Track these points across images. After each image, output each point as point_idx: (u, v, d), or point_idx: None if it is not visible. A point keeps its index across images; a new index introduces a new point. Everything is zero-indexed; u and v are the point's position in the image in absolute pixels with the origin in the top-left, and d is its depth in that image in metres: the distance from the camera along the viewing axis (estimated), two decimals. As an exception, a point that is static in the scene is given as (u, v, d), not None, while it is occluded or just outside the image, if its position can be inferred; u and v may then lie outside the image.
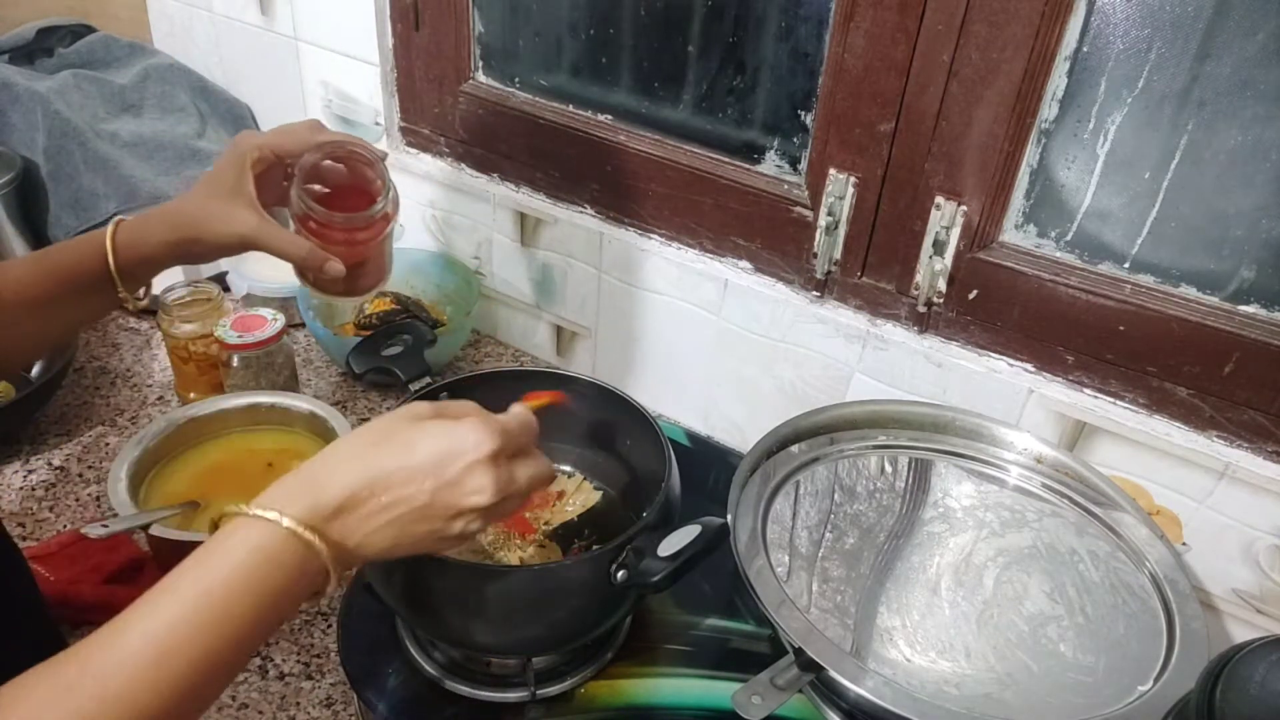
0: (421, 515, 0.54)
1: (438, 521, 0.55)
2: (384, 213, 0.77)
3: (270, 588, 0.49)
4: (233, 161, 0.73)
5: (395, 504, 0.53)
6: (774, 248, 0.95)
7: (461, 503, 0.55)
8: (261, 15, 1.21)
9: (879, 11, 0.79)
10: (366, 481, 0.53)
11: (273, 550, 0.50)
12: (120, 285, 0.72)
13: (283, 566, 0.50)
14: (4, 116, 1.18)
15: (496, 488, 0.55)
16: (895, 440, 0.87)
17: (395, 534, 0.54)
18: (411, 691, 0.72)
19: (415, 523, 0.54)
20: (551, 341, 1.17)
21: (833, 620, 0.70)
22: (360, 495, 0.53)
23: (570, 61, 1.04)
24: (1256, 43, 0.68)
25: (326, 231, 0.75)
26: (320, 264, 0.74)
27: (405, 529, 0.54)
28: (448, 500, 0.54)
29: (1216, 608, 0.82)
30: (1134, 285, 0.79)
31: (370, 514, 0.53)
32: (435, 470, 0.54)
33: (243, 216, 0.72)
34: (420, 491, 0.54)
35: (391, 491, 0.53)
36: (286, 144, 0.74)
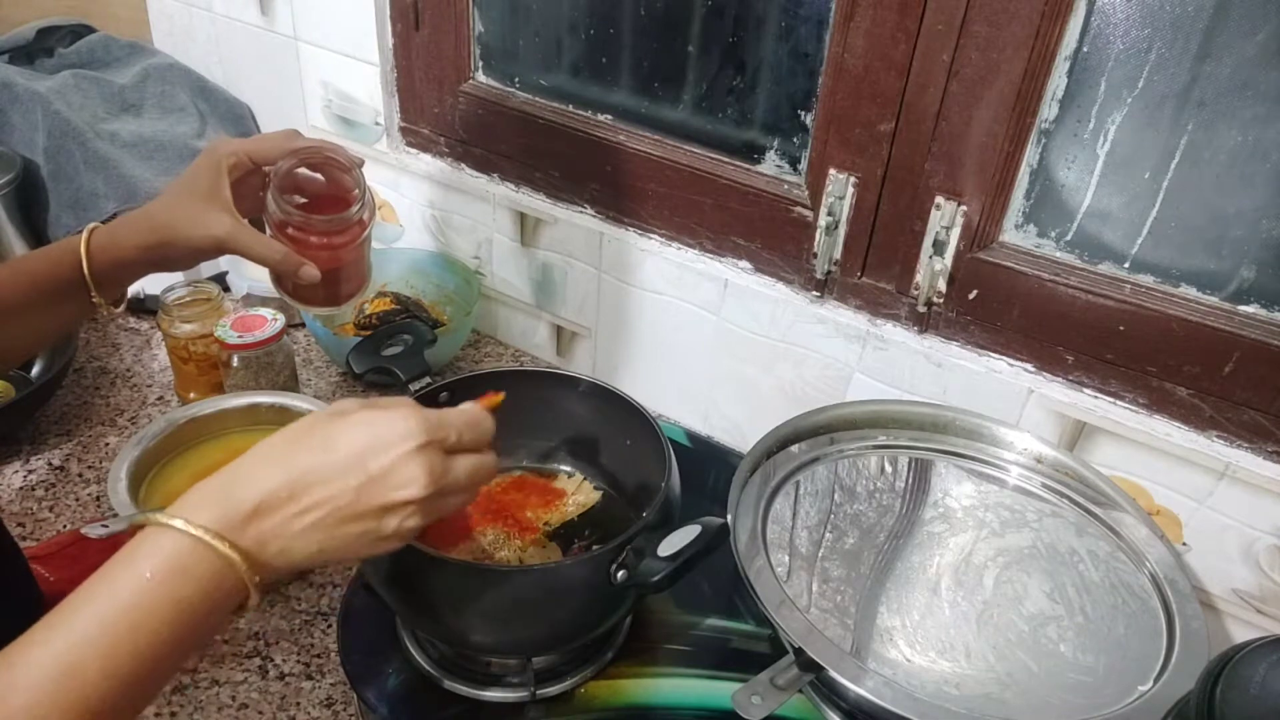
0: (348, 516, 0.51)
1: (368, 521, 0.51)
2: (359, 217, 0.76)
3: (182, 601, 0.47)
4: (208, 165, 0.72)
5: (317, 505, 0.50)
6: (774, 248, 0.95)
7: (391, 497, 0.51)
8: (261, 15, 1.21)
9: (879, 11, 0.79)
10: (284, 483, 0.49)
11: (181, 560, 0.47)
12: (94, 290, 0.71)
13: (194, 578, 0.47)
14: (4, 116, 1.18)
15: (429, 479, 0.52)
16: (895, 440, 0.87)
17: (321, 538, 0.51)
18: (411, 691, 0.72)
19: (342, 524, 0.51)
20: (551, 341, 1.17)
21: (833, 620, 0.70)
22: (277, 498, 0.49)
23: (570, 61, 1.04)
24: (1256, 43, 0.68)
25: (303, 236, 0.75)
26: (296, 268, 0.73)
27: (332, 532, 0.51)
28: (375, 497, 0.51)
29: (1216, 608, 0.82)
30: (1134, 285, 0.79)
31: (289, 518, 0.50)
32: (359, 465, 0.51)
33: (217, 220, 0.71)
34: (344, 490, 0.50)
35: (312, 492, 0.50)
36: (263, 150, 0.73)
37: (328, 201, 0.77)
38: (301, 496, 0.50)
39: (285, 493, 0.50)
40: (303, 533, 0.50)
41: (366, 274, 0.83)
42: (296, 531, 0.50)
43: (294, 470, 0.50)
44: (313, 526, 0.50)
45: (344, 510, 0.51)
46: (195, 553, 0.47)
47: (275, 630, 0.81)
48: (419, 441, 0.52)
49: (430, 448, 0.52)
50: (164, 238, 0.71)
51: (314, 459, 0.51)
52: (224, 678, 0.77)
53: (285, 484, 0.50)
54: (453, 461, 0.54)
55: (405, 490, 0.51)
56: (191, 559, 0.47)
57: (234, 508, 0.49)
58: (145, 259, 0.73)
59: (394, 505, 0.52)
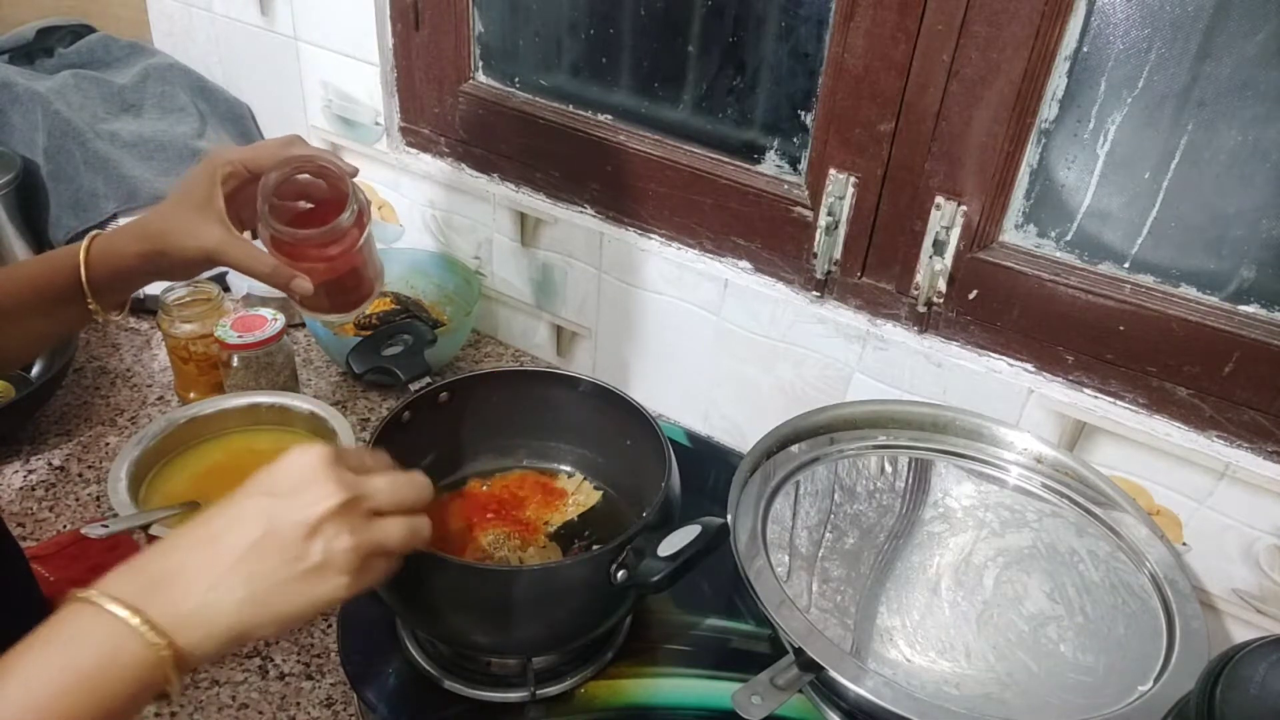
0: (263, 547, 0.47)
1: (288, 550, 0.47)
2: (346, 228, 0.74)
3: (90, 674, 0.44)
4: (203, 174, 0.71)
5: (230, 547, 0.46)
6: (774, 248, 0.95)
7: (304, 513, 0.48)
8: (261, 15, 1.21)
9: (879, 11, 0.79)
10: (196, 539, 0.47)
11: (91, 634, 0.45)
12: (91, 298, 0.71)
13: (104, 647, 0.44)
14: (4, 117, 1.18)
15: (342, 483, 0.49)
16: (895, 440, 0.86)
17: (240, 581, 0.46)
18: (411, 691, 0.72)
19: (259, 558, 0.47)
20: (552, 341, 1.17)
21: (833, 620, 0.70)
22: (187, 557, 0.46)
23: (570, 61, 1.04)
24: (1256, 43, 0.68)
25: (294, 249, 0.73)
26: (287, 281, 0.72)
27: (250, 572, 0.46)
28: (287, 517, 0.47)
29: (1216, 608, 0.82)
30: (1134, 285, 0.79)
31: (200, 568, 0.46)
32: (265, 490, 0.49)
33: (209, 230, 0.70)
34: (253, 520, 0.47)
35: (221, 537, 0.47)
36: (259, 159, 0.73)
37: (327, 207, 0.76)
38: (209, 545, 0.47)
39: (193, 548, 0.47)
40: (216, 581, 0.46)
41: (374, 279, 0.80)
42: (208, 582, 0.46)
43: (204, 525, 0.48)
44: (227, 570, 0.46)
45: (257, 542, 0.47)
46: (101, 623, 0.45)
47: (275, 630, 0.81)
48: (319, 457, 0.50)
49: (333, 462, 0.50)
50: (158, 247, 0.71)
51: (222, 509, 0.49)
52: (224, 678, 0.77)
53: (194, 541, 0.47)
54: (366, 479, 0.52)
55: (321, 503, 0.48)
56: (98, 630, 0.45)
57: (144, 576, 0.47)
58: (142, 268, 0.72)
59: (311, 523, 0.48)
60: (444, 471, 0.86)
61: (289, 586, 0.48)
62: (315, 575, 0.48)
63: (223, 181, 0.71)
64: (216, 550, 0.47)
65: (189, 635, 0.46)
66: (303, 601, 0.48)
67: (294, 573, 0.48)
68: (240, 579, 0.47)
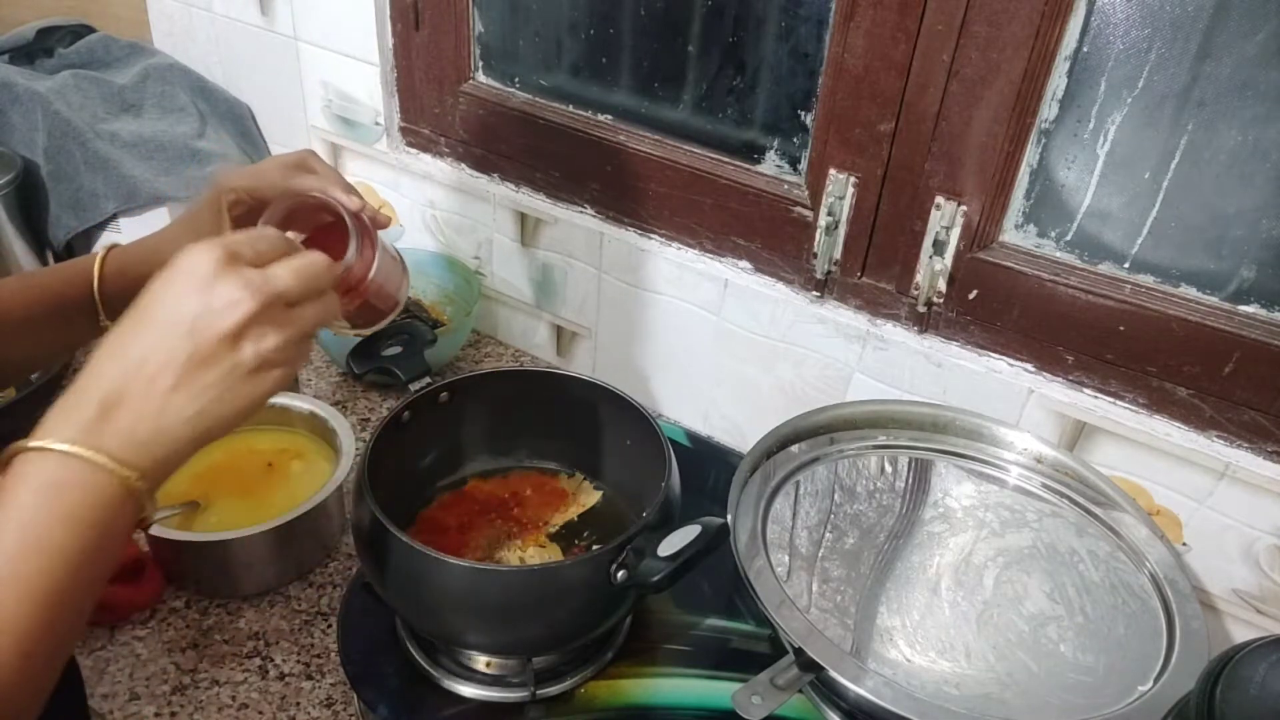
0: (196, 364, 0.48)
1: (222, 361, 0.49)
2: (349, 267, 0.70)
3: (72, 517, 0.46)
4: (210, 202, 0.71)
5: (159, 373, 0.48)
6: (774, 248, 0.95)
7: (223, 323, 0.49)
8: (261, 15, 1.21)
9: (879, 11, 0.79)
10: (118, 372, 0.48)
11: (55, 479, 0.46)
12: (103, 313, 0.70)
13: (76, 489, 0.46)
14: (4, 117, 1.18)
15: (250, 287, 0.49)
16: (895, 440, 0.87)
17: (186, 401, 0.49)
18: (411, 691, 0.72)
19: (196, 375, 0.49)
20: (552, 341, 1.17)
21: (833, 620, 0.70)
22: (117, 387, 0.48)
23: (570, 61, 1.04)
24: (1256, 43, 0.68)
25: None
26: None
27: (194, 390, 0.49)
28: (208, 331, 0.49)
29: (1216, 608, 0.82)
30: (1134, 285, 0.79)
31: (140, 399, 0.48)
32: (174, 315, 0.49)
33: None
34: (176, 341, 0.48)
35: (148, 364, 0.48)
36: (262, 188, 0.71)
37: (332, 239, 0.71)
38: (138, 372, 0.48)
39: (123, 379, 0.48)
40: (163, 405, 0.48)
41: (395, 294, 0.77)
42: (159, 406, 0.48)
43: (121, 356, 0.49)
44: (171, 392, 0.48)
45: (188, 362, 0.49)
46: (66, 467, 0.47)
47: (275, 630, 0.81)
48: (215, 259, 0.50)
49: (233, 261, 0.50)
50: None
51: (134, 337, 0.49)
52: (224, 678, 0.77)
53: (120, 372, 0.48)
54: (269, 269, 0.51)
55: (234, 310, 0.49)
56: (64, 474, 0.46)
57: (83, 414, 0.48)
58: None
59: (233, 330, 0.49)
60: (444, 471, 0.86)
61: (232, 391, 0.50)
62: (253, 376, 0.51)
63: (229, 209, 0.71)
64: (150, 374, 0.48)
65: (153, 458, 0.48)
66: (247, 402, 0.51)
67: (234, 379, 0.50)
68: (186, 397, 0.49)
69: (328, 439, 0.92)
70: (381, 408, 1.08)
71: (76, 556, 0.46)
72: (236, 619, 0.82)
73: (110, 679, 0.76)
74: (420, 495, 0.84)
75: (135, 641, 0.79)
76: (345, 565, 0.88)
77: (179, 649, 0.79)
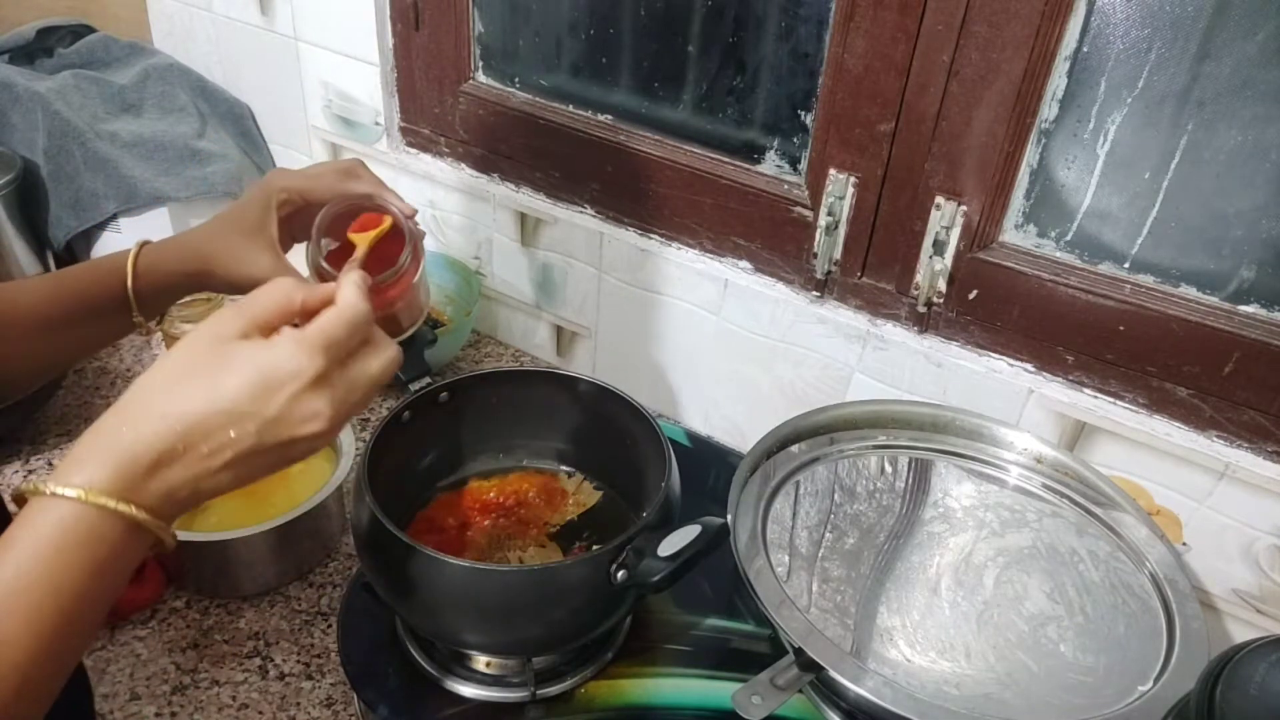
0: (252, 454, 0.49)
1: (273, 455, 0.50)
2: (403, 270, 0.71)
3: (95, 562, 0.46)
4: (259, 199, 0.71)
5: (219, 451, 0.49)
6: (774, 248, 0.95)
7: (295, 433, 0.50)
8: (261, 15, 1.21)
9: (879, 11, 0.79)
10: (178, 434, 0.48)
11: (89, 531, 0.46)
12: (136, 309, 0.70)
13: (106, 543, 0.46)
14: (4, 117, 1.18)
15: (331, 409, 0.50)
16: (895, 440, 0.87)
17: (231, 476, 0.50)
18: (412, 691, 0.72)
19: (248, 461, 0.50)
20: (552, 341, 1.17)
21: (833, 620, 0.70)
22: (175, 449, 0.48)
23: (570, 61, 1.04)
24: (1256, 43, 0.68)
25: None
26: None
27: (238, 471, 0.50)
28: (277, 435, 0.50)
29: (1216, 608, 0.82)
30: (1134, 285, 0.79)
31: (191, 466, 0.48)
32: (253, 408, 0.49)
33: (259, 258, 0.70)
34: (244, 435, 0.49)
35: (210, 439, 0.48)
36: (316, 190, 0.72)
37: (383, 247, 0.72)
38: (199, 445, 0.48)
39: (181, 444, 0.48)
40: (210, 475, 0.49)
41: (422, 305, 0.79)
42: (202, 474, 0.49)
43: (185, 419, 0.48)
44: (220, 469, 0.49)
45: (248, 452, 0.49)
46: (104, 521, 0.46)
47: (275, 630, 0.81)
48: (313, 375, 0.50)
49: (326, 377, 0.50)
50: (206, 268, 0.71)
51: (205, 402, 0.49)
52: (224, 678, 0.77)
53: (180, 434, 0.48)
54: (352, 376, 0.52)
55: (308, 425, 0.50)
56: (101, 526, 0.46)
57: (132, 465, 0.47)
58: (185, 284, 0.72)
59: (299, 439, 0.50)
60: (444, 471, 0.86)
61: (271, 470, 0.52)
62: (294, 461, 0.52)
63: (277, 208, 0.71)
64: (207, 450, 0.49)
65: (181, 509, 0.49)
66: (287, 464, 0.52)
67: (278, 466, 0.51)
68: (232, 475, 0.50)
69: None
70: (381, 408, 1.08)
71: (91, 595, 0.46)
72: (237, 619, 0.82)
73: (110, 679, 0.76)
74: (420, 495, 0.84)
75: (135, 641, 0.79)
76: (345, 565, 0.88)
77: (179, 649, 0.79)
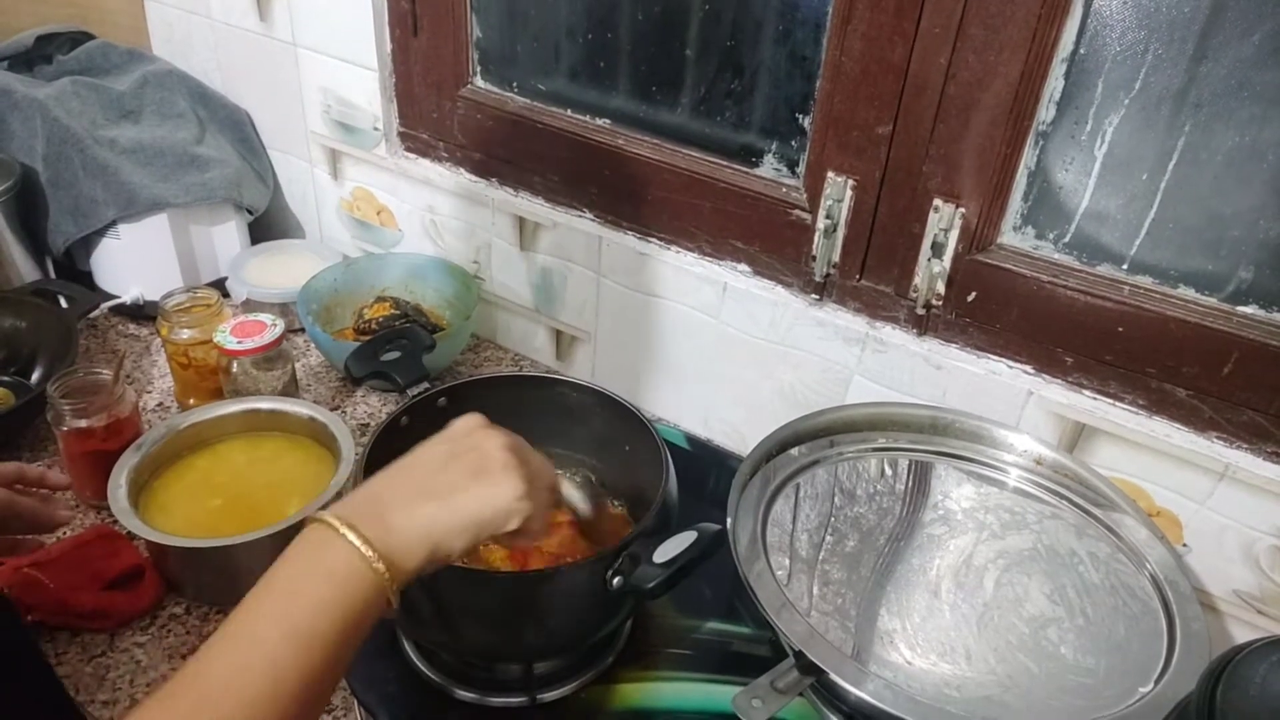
0: (446, 467, 0.57)
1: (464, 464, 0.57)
2: None
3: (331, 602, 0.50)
4: None
5: (417, 475, 0.57)
6: (773, 251, 0.95)
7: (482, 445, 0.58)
8: (260, 21, 1.21)
9: (876, 14, 0.79)
10: (385, 474, 0.57)
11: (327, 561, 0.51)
12: None
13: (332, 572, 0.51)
14: (3, 124, 1.18)
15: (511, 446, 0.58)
16: (895, 443, 0.86)
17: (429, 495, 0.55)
18: (412, 697, 0.72)
19: (442, 474, 0.56)
20: (551, 345, 1.17)
21: (833, 623, 0.70)
22: (379, 485, 0.56)
23: (568, 66, 1.04)
24: (1252, 44, 0.68)
25: None
26: None
27: (436, 485, 0.56)
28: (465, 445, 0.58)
29: (1217, 609, 0.82)
30: (1132, 286, 0.79)
31: (393, 490, 0.55)
32: (447, 439, 0.59)
33: None
34: (438, 455, 0.58)
35: (410, 469, 0.57)
36: None
37: None
38: (399, 475, 0.57)
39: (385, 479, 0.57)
40: (410, 498, 0.55)
41: None
42: (404, 498, 0.55)
43: (394, 468, 0.58)
44: (417, 489, 0.56)
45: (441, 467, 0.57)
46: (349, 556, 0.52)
47: (275, 636, 0.81)
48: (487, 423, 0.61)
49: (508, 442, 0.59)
50: None
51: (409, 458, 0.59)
52: (224, 684, 0.76)
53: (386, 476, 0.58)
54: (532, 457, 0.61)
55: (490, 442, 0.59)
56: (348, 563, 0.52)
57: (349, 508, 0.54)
58: None
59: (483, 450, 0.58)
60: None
61: (465, 487, 0.56)
62: (484, 474, 0.57)
63: None
64: (409, 477, 0.57)
65: (392, 546, 0.52)
66: (479, 502, 0.56)
67: (465, 475, 0.57)
68: (426, 491, 0.56)
69: (327, 444, 0.92)
70: (380, 413, 1.08)
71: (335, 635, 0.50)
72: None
73: (110, 685, 0.76)
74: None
75: (135, 648, 0.79)
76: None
77: (179, 655, 0.79)
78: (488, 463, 0.57)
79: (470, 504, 0.56)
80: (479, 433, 0.59)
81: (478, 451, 0.58)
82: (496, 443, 0.58)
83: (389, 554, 0.52)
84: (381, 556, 0.51)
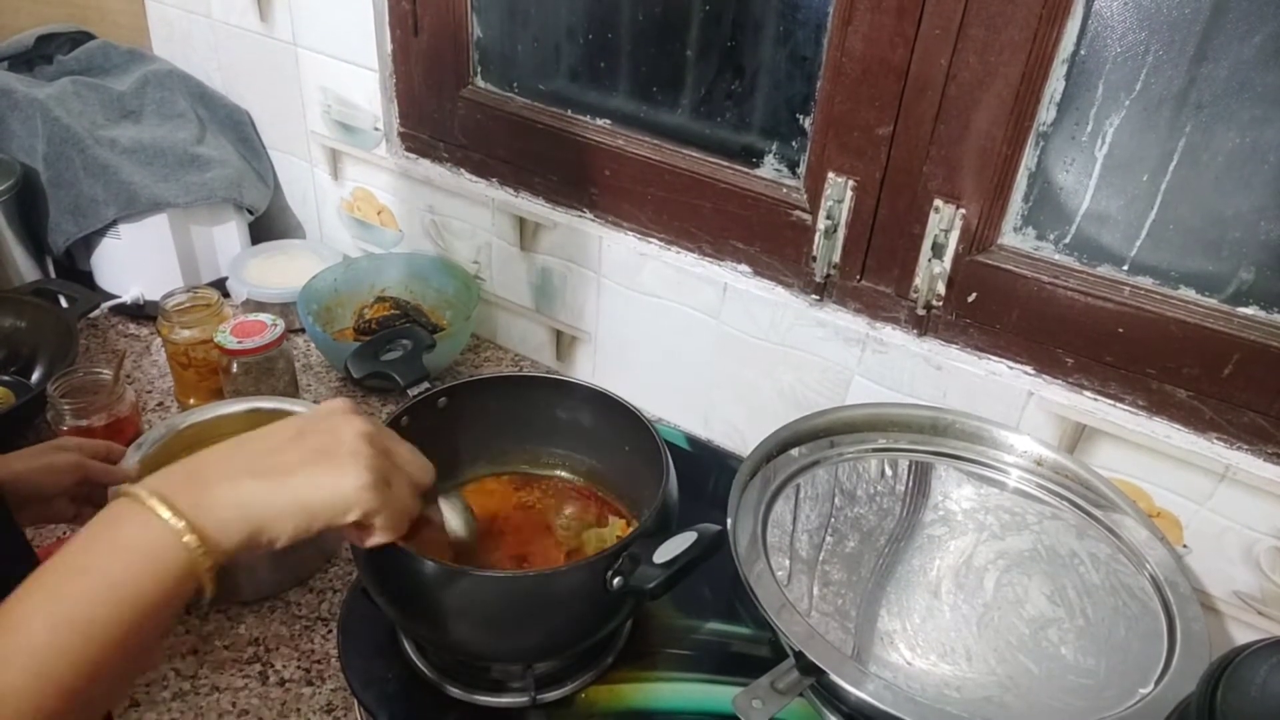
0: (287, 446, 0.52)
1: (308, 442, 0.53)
2: None
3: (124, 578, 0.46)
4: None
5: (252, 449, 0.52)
6: (773, 251, 0.95)
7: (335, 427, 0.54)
8: (260, 21, 1.21)
9: (877, 15, 0.79)
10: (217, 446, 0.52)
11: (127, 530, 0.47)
12: None
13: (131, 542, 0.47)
14: (4, 124, 1.18)
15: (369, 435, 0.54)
16: (895, 443, 0.86)
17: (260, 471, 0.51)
18: (412, 697, 0.72)
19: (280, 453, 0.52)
20: (551, 345, 1.17)
21: (833, 624, 0.70)
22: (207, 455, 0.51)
23: (569, 66, 1.04)
24: (1253, 45, 0.68)
25: None
26: None
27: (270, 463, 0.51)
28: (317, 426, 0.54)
29: (1217, 610, 0.82)
30: (1133, 287, 0.79)
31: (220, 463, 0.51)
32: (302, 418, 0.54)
33: None
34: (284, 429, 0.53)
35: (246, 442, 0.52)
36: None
37: None
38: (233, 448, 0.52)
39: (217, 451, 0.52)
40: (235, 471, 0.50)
41: None
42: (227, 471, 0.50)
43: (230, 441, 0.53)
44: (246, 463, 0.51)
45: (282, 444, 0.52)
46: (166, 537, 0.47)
47: (275, 636, 0.81)
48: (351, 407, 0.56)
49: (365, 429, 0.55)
50: None
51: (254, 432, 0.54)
52: (224, 684, 0.76)
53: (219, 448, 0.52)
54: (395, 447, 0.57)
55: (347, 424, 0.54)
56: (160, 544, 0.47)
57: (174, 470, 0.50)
58: None
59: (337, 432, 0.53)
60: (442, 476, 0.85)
61: (302, 469, 0.51)
62: (326, 458, 0.52)
63: None
64: (242, 451, 0.52)
65: (206, 520, 0.48)
66: (312, 487, 0.51)
67: (305, 456, 0.51)
68: (256, 468, 0.51)
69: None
70: (380, 413, 1.08)
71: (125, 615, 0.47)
72: (236, 625, 0.82)
73: (110, 685, 0.76)
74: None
75: (135, 648, 0.79)
76: (345, 570, 0.88)
77: (179, 655, 0.79)
78: (335, 448, 0.52)
79: (302, 487, 0.51)
80: (337, 416, 0.54)
81: (329, 435, 0.53)
82: (353, 429, 0.53)
83: (202, 527, 0.47)
84: (194, 529, 0.47)
